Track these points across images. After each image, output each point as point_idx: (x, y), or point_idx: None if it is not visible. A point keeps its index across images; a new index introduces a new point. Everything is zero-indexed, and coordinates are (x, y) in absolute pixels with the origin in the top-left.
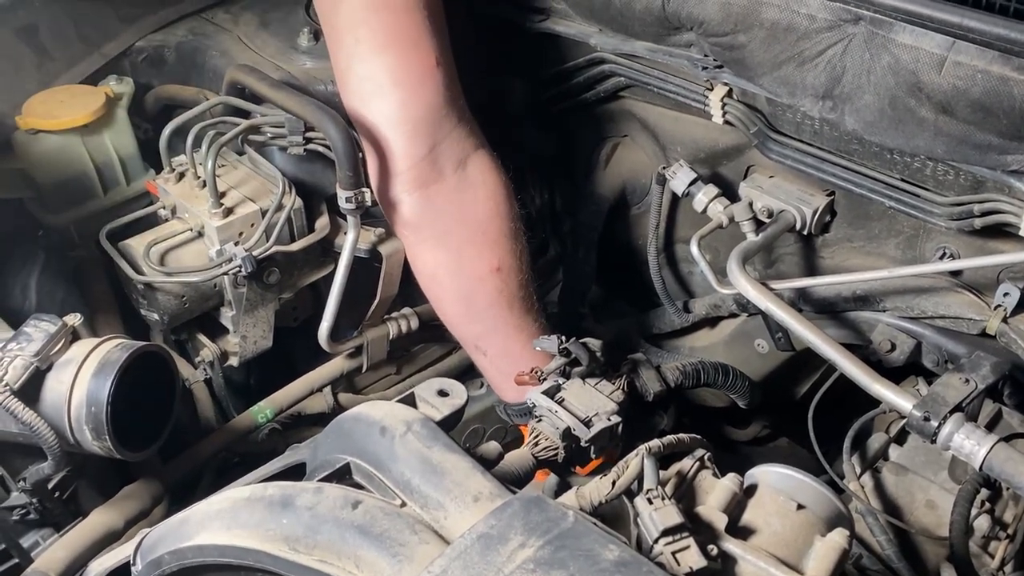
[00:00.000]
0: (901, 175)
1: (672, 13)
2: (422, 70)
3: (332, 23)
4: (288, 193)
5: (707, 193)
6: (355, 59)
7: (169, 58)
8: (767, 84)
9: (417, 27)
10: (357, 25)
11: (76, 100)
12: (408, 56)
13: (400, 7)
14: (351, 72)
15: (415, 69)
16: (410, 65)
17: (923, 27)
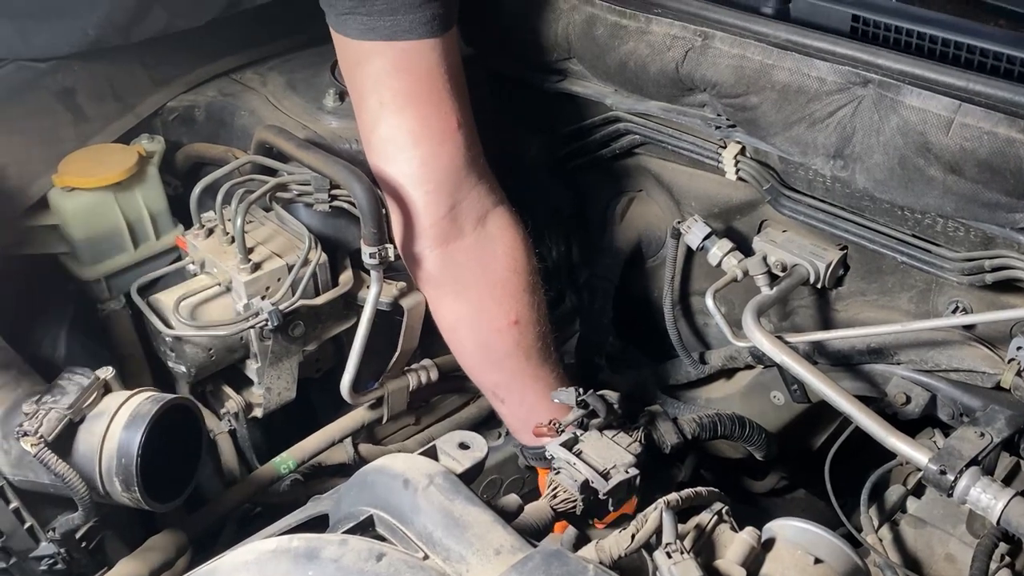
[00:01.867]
0: (912, 231)
1: (685, 75)
2: (443, 130)
3: (357, 86)
4: (314, 248)
5: (721, 247)
6: (379, 120)
7: (199, 117)
8: (779, 143)
9: (438, 89)
10: (381, 88)
11: (110, 158)
12: (429, 117)
13: (422, 71)
14: (375, 132)
15: (436, 129)
16: (431, 126)
17: (930, 90)
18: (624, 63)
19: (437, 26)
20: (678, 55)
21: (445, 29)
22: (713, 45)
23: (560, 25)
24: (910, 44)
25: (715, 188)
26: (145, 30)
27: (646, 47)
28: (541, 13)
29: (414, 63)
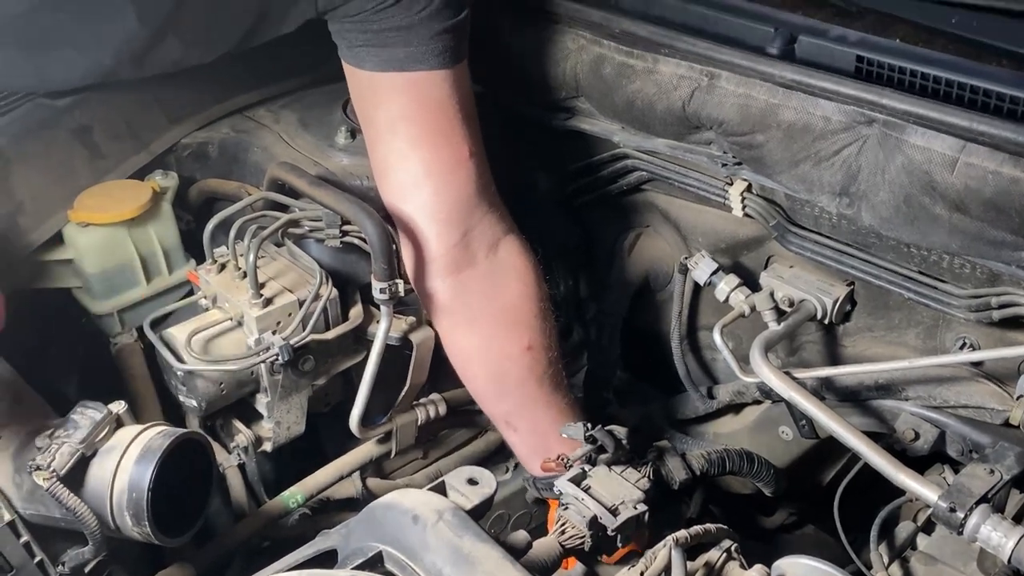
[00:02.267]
0: (919, 267)
1: (692, 113)
2: (455, 160)
3: (370, 117)
4: (325, 284)
5: (729, 283)
6: (392, 154)
7: (212, 153)
8: (785, 181)
9: (450, 120)
10: (394, 118)
11: (124, 194)
12: (441, 147)
13: (434, 101)
14: (389, 166)
15: (448, 159)
16: (443, 155)
17: (935, 130)
18: (631, 101)
19: (449, 57)
20: (684, 94)
21: (457, 61)
22: (719, 84)
23: (568, 64)
24: (914, 84)
25: (722, 224)
26: (159, 62)
27: (653, 86)
28: (549, 52)
29: (426, 93)
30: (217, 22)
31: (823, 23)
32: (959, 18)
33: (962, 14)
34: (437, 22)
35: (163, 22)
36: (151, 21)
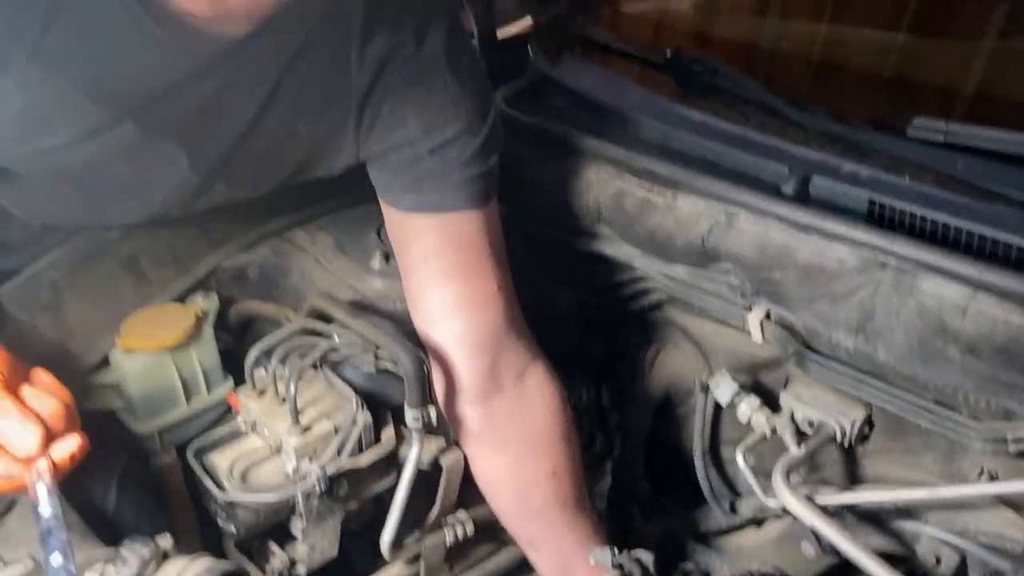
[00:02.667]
0: (935, 398)
1: (711, 248)
2: (485, 295)
3: (405, 253)
4: (360, 410)
5: (750, 404)
6: (425, 287)
7: (252, 276)
8: (803, 315)
9: (481, 256)
10: (428, 257)
11: (168, 319)
12: (473, 283)
13: (466, 239)
14: (421, 296)
15: (479, 294)
16: (475, 291)
17: (945, 277)
18: (652, 234)
19: (480, 199)
20: (704, 230)
21: (487, 201)
22: (737, 223)
23: (591, 195)
24: (924, 229)
25: (742, 345)
26: (206, 202)
27: (673, 221)
28: (573, 184)
29: (458, 231)
30: (265, 169)
31: (836, 159)
32: (965, 163)
33: (969, 159)
34: (470, 168)
35: (213, 171)
36: (202, 170)
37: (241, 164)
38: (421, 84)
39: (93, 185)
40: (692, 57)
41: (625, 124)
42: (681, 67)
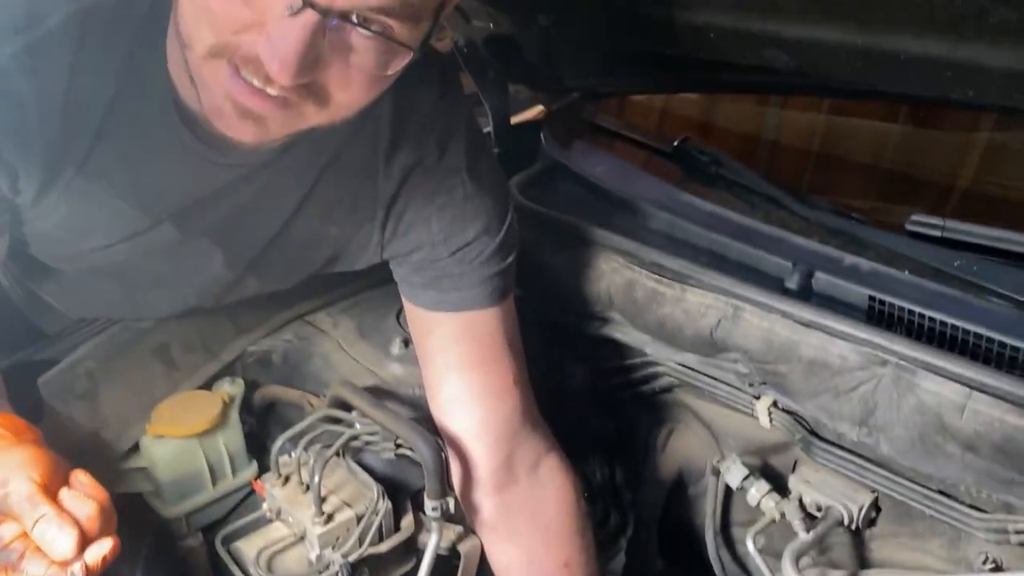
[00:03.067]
0: (938, 488)
1: (719, 340)
2: (501, 388)
3: (424, 346)
4: (381, 499)
5: (759, 488)
6: (442, 378)
7: (276, 360)
8: (808, 408)
9: (497, 351)
10: (446, 350)
11: (197, 406)
12: (490, 377)
13: (484, 335)
14: (439, 388)
15: (495, 388)
16: (491, 384)
17: (942, 376)
18: (662, 323)
19: (498, 297)
20: (712, 322)
21: (504, 298)
22: (744, 316)
23: (603, 284)
24: (923, 327)
25: (750, 429)
26: (237, 295)
27: (682, 312)
28: (585, 272)
29: (477, 329)
30: (294, 266)
31: (837, 251)
32: (961, 261)
33: (965, 256)
34: (488, 268)
35: (246, 268)
36: (236, 268)
37: (272, 261)
38: (443, 191)
39: (129, 281)
40: (697, 148)
41: (634, 213)
42: (686, 156)
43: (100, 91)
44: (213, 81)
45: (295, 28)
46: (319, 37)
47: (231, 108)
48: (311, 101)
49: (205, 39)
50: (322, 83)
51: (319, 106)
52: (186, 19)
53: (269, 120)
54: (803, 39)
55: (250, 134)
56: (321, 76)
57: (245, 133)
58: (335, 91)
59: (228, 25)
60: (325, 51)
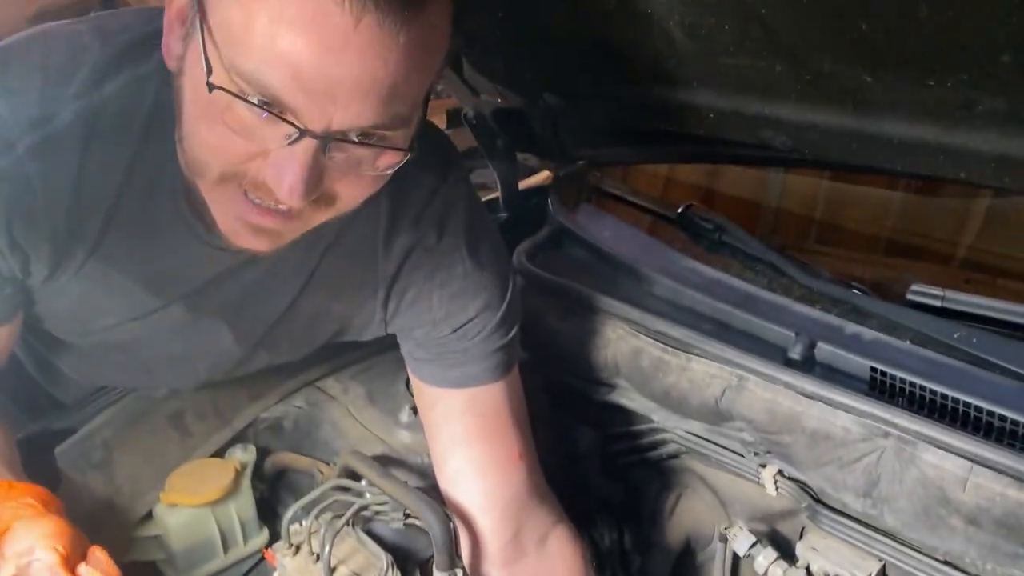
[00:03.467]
0: (943, 559)
1: (724, 409)
2: (508, 462)
3: (430, 420)
4: (391, 569)
5: (767, 556)
6: (448, 452)
7: (287, 427)
8: (812, 478)
9: (503, 424)
10: (452, 425)
11: (209, 474)
12: (496, 450)
13: (489, 409)
14: (445, 462)
15: (502, 461)
16: (497, 458)
17: (944, 450)
18: (668, 392)
19: (501, 371)
20: (717, 392)
21: (508, 371)
22: (747, 387)
23: (609, 351)
24: (924, 398)
25: (757, 496)
26: (247, 369)
27: (687, 382)
28: (592, 339)
29: (481, 404)
30: (302, 340)
31: (839, 320)
32: (961, 333)
33: (965, 328)
34: (490, 343)
35: (254, 344)
36: (244, 344)
37: (280, 337)
38: (443, 269)
39: (141, 356)
40: (701, 214)
41: (639, 279)
42: (690, 223)
43: (109, 183)
44: (224, 204)
45: (297, 155)
46: (320, 157)
47: (243, 226)
48: (318, 208)
49: (213, 169)
50: (326, 191)
51: (325, 209)
52: (192, 150)
53: (282, 231)
54: (799, 121)
55: (264, 244)
56: (325, 187)
57: (260, 244)
58: (339, 194)
59: (232, 157)
60: (327, 166)
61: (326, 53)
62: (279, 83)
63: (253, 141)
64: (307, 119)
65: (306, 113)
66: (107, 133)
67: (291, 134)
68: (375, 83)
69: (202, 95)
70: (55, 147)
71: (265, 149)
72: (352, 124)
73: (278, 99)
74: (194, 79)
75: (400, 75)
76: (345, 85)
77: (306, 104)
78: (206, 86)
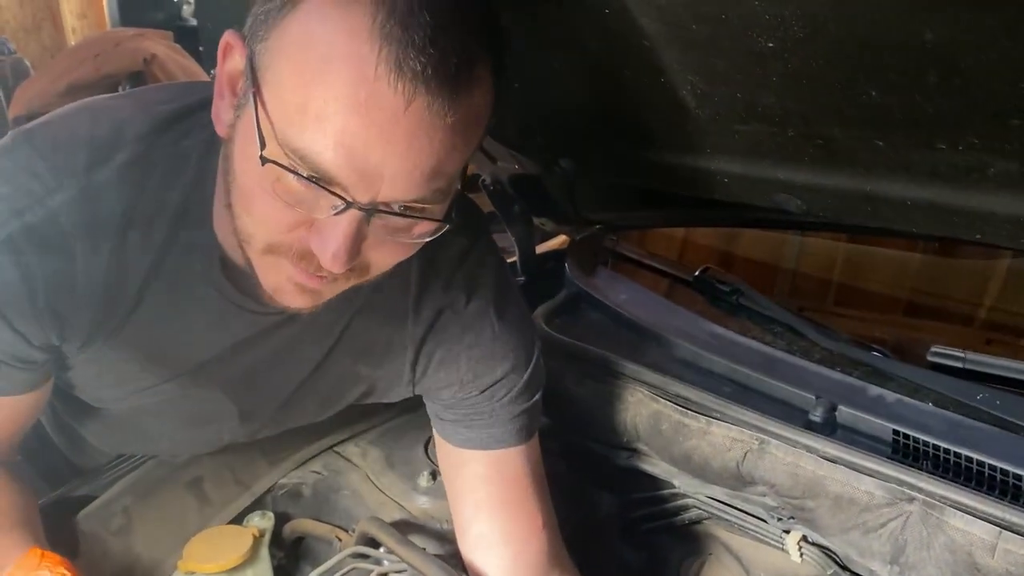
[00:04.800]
0: None
1: (746, 473)
2: (529, 530)
3: (454, 483)
4: None
5: None
6: (472, 517)
7: (306, 493)
8: (837, 544)
9: (525, 491)
10: (476, 490)
11: (227, 542)
12: (517, 520)
13: (511, 475)
14: (468, 528)
15: (524, 531)
16: (520, 526)
17: (971, 515)
18: (689, 456)
19: (525, 435)
20: (738, 456)
21: (531, 436)
22: (769, 451)
23: (628, 415)
24: (948, 461)
25: (781, 562)
26: (270, 432)
27: (708, 445)
28: (611, 404)
29: (506, 468)
30: (326, 402)
31: (860, 382)
32: (984, 395)
33: (987, 390)
34: (516, 406)
35: (280, 407)
36: (271, 405)
37: (306, 399)
38: (471, 332)
39: (166, 419)
40: (718, 277)
41: (658, 342)
42: (708, 286)
43: (147, 251)
44: (272, 270)
45: (342, 225)
46: (363, 227)
47: (291, 286)
48: (356, 272)
49: (260, 239)
50: (362, 258)
51: (359, 274)
52: (241, 220)
53: (325, 291)
54: (812, 185)
55: (307, 303)
56: (362, 253)
57: (303, 303)
58: (375, 260)
59: (278, 227)
60: (367, 234)
61: (378, 135)
62: (330, 161)
63: (300, 211)
64: (354, 192)
65: (353, 188)
66: (149, 203)
67: (337, 205)
68: (420, 161)
69: (252, 166)
70: (98, 218)
71: (310, 219)
72: (396, 198)
73: (329, 175)
74: (245, 150)
75: (444, 153)
76: (392, 163)
77: (355, 180)
78: (258, 159)
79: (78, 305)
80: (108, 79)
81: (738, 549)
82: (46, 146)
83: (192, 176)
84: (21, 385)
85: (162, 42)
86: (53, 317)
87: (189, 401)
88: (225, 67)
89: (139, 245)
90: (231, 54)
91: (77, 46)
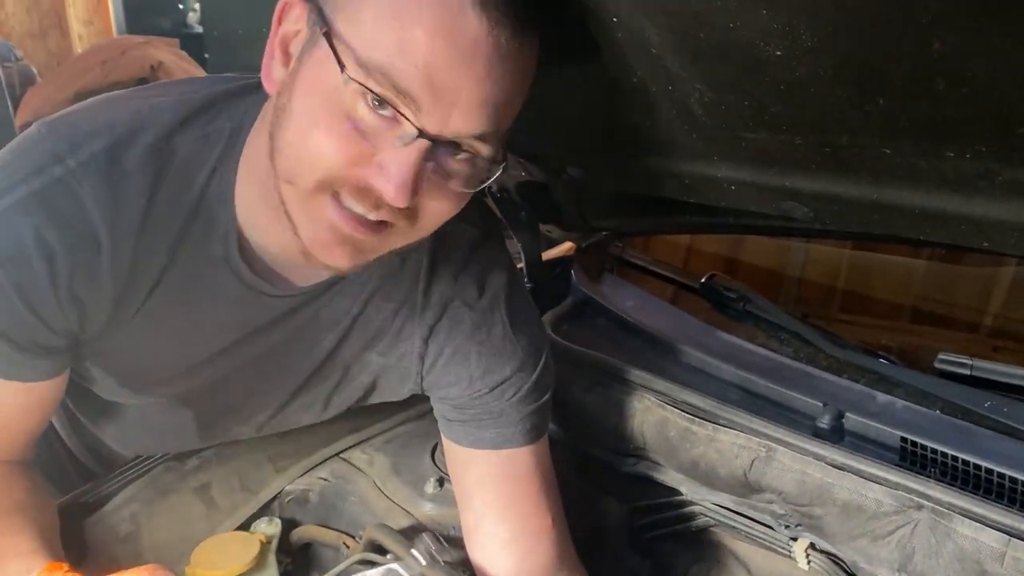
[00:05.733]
0: None
1: (753, 480)
2: (539, 530)
3: (462, 484)
4: None
5: None
6: (480, 518)
7: (313, 499)
8: (845, 551)
9: (534, 491)
10: (485, 489)
11: (234, 549)
12: (527, 520)
13: (521, 475)
14: (477, 531)
15: (533, 529)
16: (529, 528)
17: (979, 522)
18: (696, 463)
19: (534, 435)
20: (745, 463)
21: (540, 436)
22: (776, 458)
23: (635, 422)
24: (956, 469)
25: (789, 570)
26: (278, 427)
27: (715, 452)
28: (618, 411)
29: (514, 468)
30: (335, 395)
31: (867, 389)
32: (992, 403)
33: (995, 397)
34: (525, 405)
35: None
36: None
37: (315, 389)
38: (482, 328)
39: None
40: (724, 284)
41: (664, 349)
42: (714, 292)
43: (170, 230)
44: (316, 214)
45: (409, 155)
46: (425, 165)
47: (332, 236)
48: (405, 222)
49: (313, 174)
50: (416, 203)
51: (410, 225)
52: (288, 159)
53: (366, 244)
54: (819, 192)
55: (347, 259)
56: (419, 198)
57: (342, 258)
58: (426, 209)
59: (338, 159)
60: (426, 175)
61: (460, 58)
62: (413, 77)
63: (369, 141)
64: (426, 118)
65: (427, 112)
66: (171, 188)
67: (406, 135)
68: (493, 93)
69: (318, 100)
70: (121, 204)
71: (374, 151)
72: (466, 130)
73: (409, 92)
74: (313, 85)
75: (513, 90)
76: (469, 91)
77: (430, 102)
78: (329, 88)
79: (99, 288)
80: (115, 86)
81: (745, 556)
82: (69, 132)
83: (215, 162)
84: (39, 372)
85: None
86: (74, 302)
87: (203, 392)
88: (280, 29)
89: (160, 229)
90: (289, 14)
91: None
